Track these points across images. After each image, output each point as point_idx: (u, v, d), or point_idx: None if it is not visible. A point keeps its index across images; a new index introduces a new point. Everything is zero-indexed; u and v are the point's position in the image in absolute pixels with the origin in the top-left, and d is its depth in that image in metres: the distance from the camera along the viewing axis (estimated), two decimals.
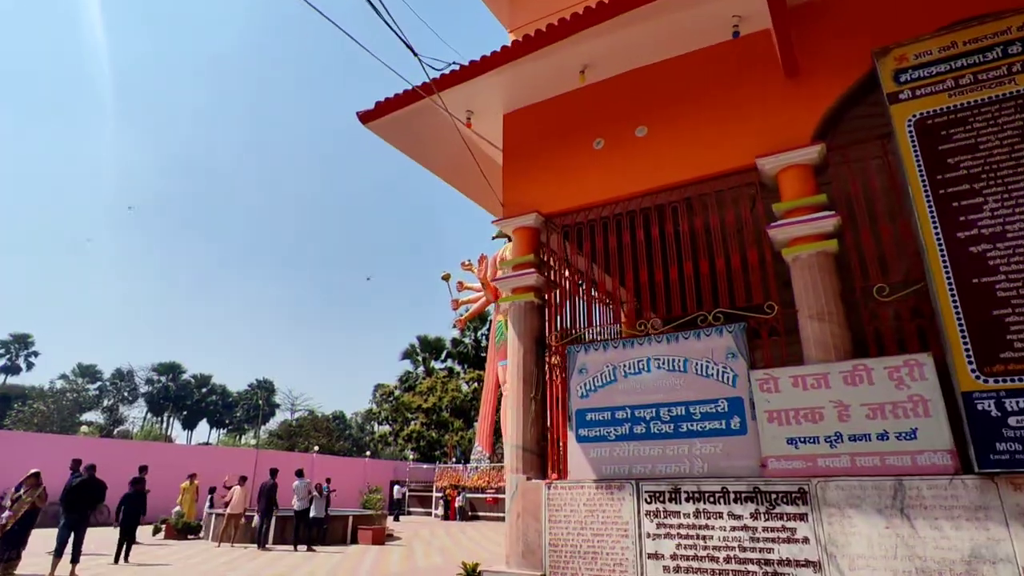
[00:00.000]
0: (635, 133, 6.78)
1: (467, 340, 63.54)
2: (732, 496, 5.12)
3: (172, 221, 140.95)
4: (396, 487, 31.31)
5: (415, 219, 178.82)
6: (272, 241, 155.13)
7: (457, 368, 61.64)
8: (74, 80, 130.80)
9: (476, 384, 54.44)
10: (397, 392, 58.26)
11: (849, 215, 5.59)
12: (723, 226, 6.21)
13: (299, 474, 17.38)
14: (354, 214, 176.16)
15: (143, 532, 19.50)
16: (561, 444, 6.28)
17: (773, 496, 4.97)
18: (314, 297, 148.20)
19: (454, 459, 40.30)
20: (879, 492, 4.60)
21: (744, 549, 4.94)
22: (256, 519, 16.77)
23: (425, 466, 42.19)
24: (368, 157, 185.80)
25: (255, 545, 16.54)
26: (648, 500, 5.43)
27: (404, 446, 53.56)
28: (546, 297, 6.99)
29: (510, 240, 30.80)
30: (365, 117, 7.48)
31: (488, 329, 63.07)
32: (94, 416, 77.83)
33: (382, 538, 18.82)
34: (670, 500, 5.32)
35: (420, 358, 63.89)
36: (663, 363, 5.86)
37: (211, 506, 19.79)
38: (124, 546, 13.00)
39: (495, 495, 31.86)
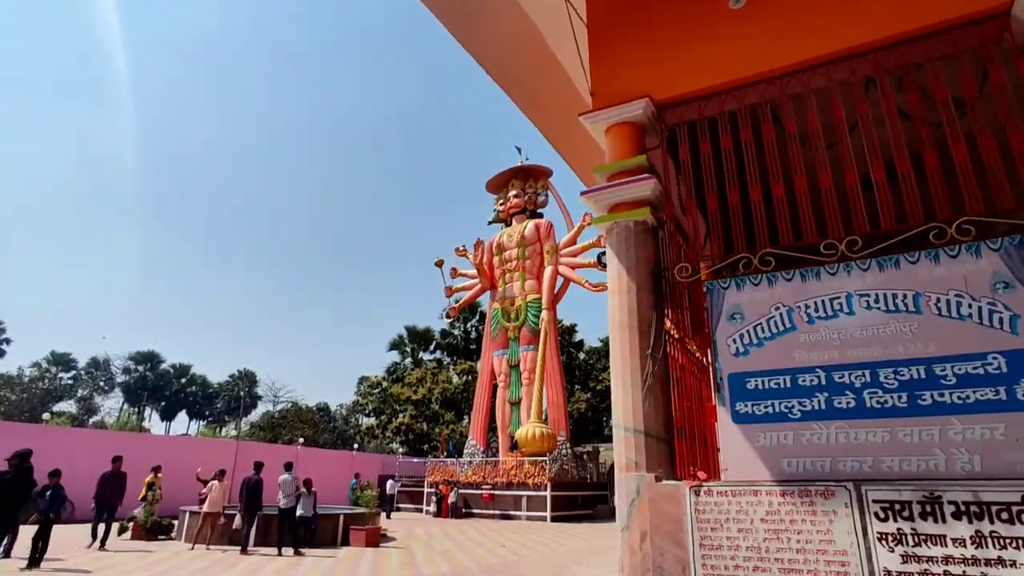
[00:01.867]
0: None
1: (456, 332, 61.56)
2: None
3: (150, 210, 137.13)
4: (389, 482, 29.13)
5: (403, 205, 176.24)
6: (253, 231, 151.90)
7: (446, 360, 59.52)
8: (54, 63, 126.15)
9: (468, 376, 52.33)
10: (385, 384, 55.99)
11: None
12: (958, 100, 4.11)
13: (287, 468, 15.19)
14: (339, 202, 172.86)
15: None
16: (704, 425, 4.18)
17: None
18: (296, 288, 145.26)
19: (445, 453, 38.14)
20: None
21: None
22: (237, 519, 14.58)
23: (416, 460, 40.05)
24: (354, 143, 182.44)
25: (235, 547, 14.37)
26: (882, 515, 3.34)
27: (392, 439, 51.39)
28: (662, 217, 4.85)
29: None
30: None
31: (479, 320, 61.20)
32: (67, 406, 74.91)
33: (376, 539, 16.70)
34: (923, 516, 3.25)
35: (408, 349, 61.74)
36: (876, 300, 3.77)
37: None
38: (35, 547, 10.37)
39: (491, 491, 29.88)
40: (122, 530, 16.60)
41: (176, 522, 17.12)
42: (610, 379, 4.54)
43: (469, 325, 62.27)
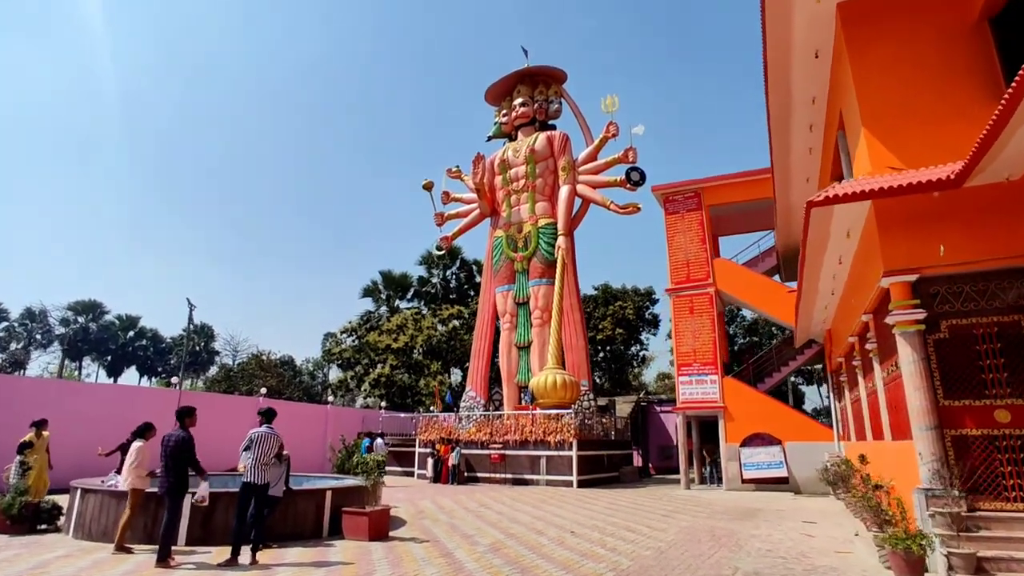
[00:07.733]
0: None
1: (435, 279, 55.03)
2: None
3: (93, 152, 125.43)
4: (378, 440, 23.17)
5: (376, 138, 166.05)
6: (207, 176, 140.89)
7: (425, 310, 53.07)
8: None
9: (456, 322, 46.30)
10: (360, 331, 49.49)
11: None
12: None
13: (267, 417, 9.02)
14: (299, 130, 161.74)
15: None
16: None
17: None
18: (256, 236, 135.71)
19: (440, 407, 32.25)
20: None
21: None
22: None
23: (402, 415, 34.16)
24: (315, 69, 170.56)
25: (152, 548, 8.33)
26: None
27: (370, 392, 45.28)
28: None
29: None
30: None
31: (459, 268, 54.80)
32: None
33: (386, 528, 10.82)
34: None
35: (383, 296, 55.22)
36: None
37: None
38: None
39: (501, 451, 24.31)
40: None
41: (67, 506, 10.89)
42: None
43: (449, 273, 55.88)
